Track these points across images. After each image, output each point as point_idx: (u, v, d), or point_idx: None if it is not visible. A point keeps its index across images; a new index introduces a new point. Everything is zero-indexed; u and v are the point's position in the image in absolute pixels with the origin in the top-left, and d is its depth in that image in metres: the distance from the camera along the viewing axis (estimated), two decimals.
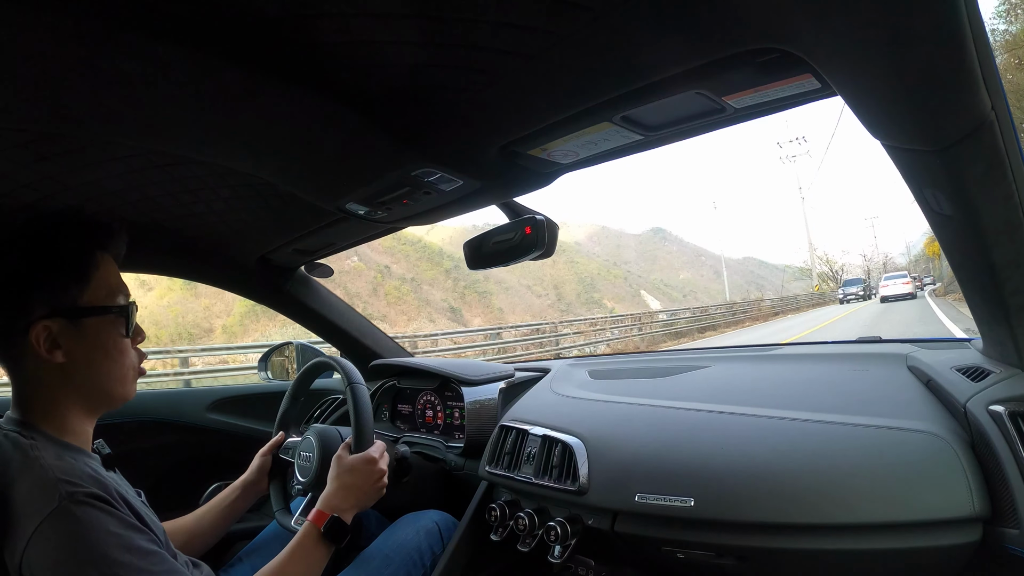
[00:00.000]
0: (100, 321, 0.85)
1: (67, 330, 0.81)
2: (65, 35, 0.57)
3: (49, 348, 0.80)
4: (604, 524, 1.10)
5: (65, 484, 0.72)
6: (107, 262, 0.88)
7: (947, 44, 0.50)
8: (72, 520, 0.69)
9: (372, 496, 1.10)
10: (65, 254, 0.83)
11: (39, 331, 0.79)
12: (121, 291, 0.88)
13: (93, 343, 0.84)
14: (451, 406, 1.66)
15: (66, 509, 0.70)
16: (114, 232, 0.90)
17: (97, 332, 0.84)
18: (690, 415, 1.13)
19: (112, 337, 0.86)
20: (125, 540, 0.72)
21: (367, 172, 0.94)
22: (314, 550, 0.98)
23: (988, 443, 0.82)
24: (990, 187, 0.67)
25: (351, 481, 1.08)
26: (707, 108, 0.75)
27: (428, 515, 1.30)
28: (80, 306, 0.83)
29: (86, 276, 0.84)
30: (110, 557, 0.69)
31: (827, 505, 0.88)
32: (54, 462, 0.75)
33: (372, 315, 14.79)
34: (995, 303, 0.84)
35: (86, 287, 0.84)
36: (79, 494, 0.71)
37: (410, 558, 1.18)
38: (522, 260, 1.07)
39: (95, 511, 0.72)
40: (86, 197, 1.07)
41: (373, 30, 0.62)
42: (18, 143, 0.87)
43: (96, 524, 0.70)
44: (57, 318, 0.81)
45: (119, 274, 0.90)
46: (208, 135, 0.84)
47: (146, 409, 1.72)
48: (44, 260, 0.82)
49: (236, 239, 1.44)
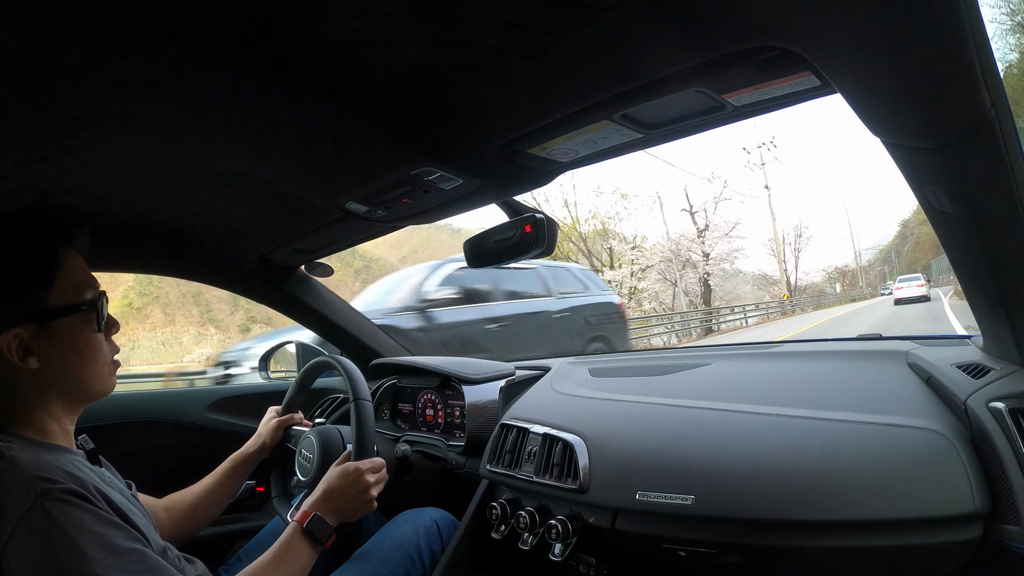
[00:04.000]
0: (70, 321, 0.83)
1: (38, 335, 0.80)
2: (64, 35, 0.57)
3: (22, 356, 0.78)
4: (605, 522, 1.10)
5: (40, 482, 0.71)
6: (71, 257, 0.85)
7: (947, 42, 0.50)
8: (48, 518, 0.69)
9: (354, 506, 1.07)
10: (26, 257, 0.81)
11: (9, 340, 0.77)
12: (89, 285, 0.86)
13: (66, 344, 0.82)
14: (452, 404, 1.66)
15: (41, 507, 0.69)
16: (74, 225, 0.87)
17: (69, 332, 0.83)
18: (691, 413, 1.13)
19: (84, 335, 0.84)
20: (102, 538, 0.71)
21: (367, 171, 0.94)
22: (299, 548, 0.96)
23: (989, 440, 0.83)
24: (990, 184, 0.67)
25: (335, 486, 1.06)
26: (707, 106, 0.75)
27: (427, 513, 1.30)
28: (48, 308, 0.81)
29: (51, 276, 0.81)
30: (87, 555, 0.68)
31: (828, 502, 0.88)
32: (30, 459, 0.74)
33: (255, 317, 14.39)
34: (995, 300, 0.84)
35: (52, 288, 0.81)
36: (54, 491, 0.71)
37: (408, 556, 1.18)
38: (522, 258, 1.07)
39: (71, 507, 0.71)
40: (85, 198, 1.07)
41: (373, 29, 0.62)
42: (17, 144, 0.86)
43: (72, 522, 0.69)
44: (26, 324, 0.79)
45: (85, 268, 0.88)
46: (208, 135, 0.84)
47: (147, 409, 1.72)
48: (5, 267, 0.79)
49: (236, 239, 1.44)
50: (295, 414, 1.39)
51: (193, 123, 0.79)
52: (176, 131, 0.82)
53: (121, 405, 1.68)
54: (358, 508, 1.08)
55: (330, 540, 1.00)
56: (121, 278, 21.51)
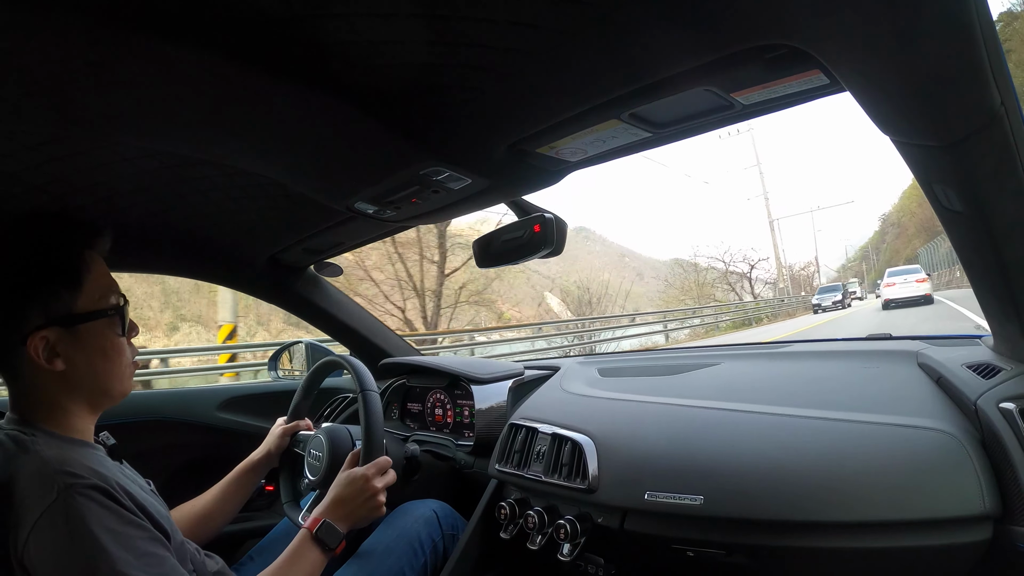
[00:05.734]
0: (96, 325, 0.83)
1: (64, 338, 0.80)
2: (74, 37, 0.58)
3: (48, 358, 0.79)
4: (614, 522, 1.10)
5: (64, 476, 0.72)
6: (97, 262, 0.86)
7: (956, 39, 0.50)
8: (71, 513, 0.69)
9: (363, 512, 1.07)
10: (54, 260, 0.82)
11: (36, 342, 0.78)
12: (113, 290, 0.87)
13: (92, 347, 0.83)
14: (460, 404, 1.67)
15: (65, 502, 0.70)
16: (98, 229, 0.88)
17: (94, 336, 0.83)
18: (700, 413, 1.13)
19: (109, 338, 0.85)
20: (123, 537, 0.72)
21: (376, 171, 0.95)
22: (308, 554, 0.97)
23: (999, 441, 0.82)
24: (1000, 182, 0.67)
25: (344, 494, 1.07)
26: (715, 105, 0.75)
27: (426, 504, 1.31)
28: (75, 313, 0.81)
29: (78, 280, 0.82)
30: (107, 551, 0.69)
31: (837, 503, 0.88)
32: (54, 454, 0.75)
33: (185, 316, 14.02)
34: (1006, 300, 0.84)
35: (79, 292, 0.82)
36: (78, 485, 0.71)
37: (410, 547, 1.18)
38: (531, 258, 1.07)
39: (94, 504, 0.71)
40: (96, 198, 1.08)
41: (381, 29, 0.63)
42: (28, 145, 0.87)
43: (94, 519, 0.70)
44: (53, 327, 0.79)
45: (108, 272, 0.89)
46: (217, 136, 0.85)
47: (156, 408, 1.73)
48: (34, 269, 0.80)
49: (246, 239, 1.45)
50: (301, 421, 1.39)
51: (203, 124, 0.80)
52: (186, 132, 0.83)
53: (130, 404, 1.68)
54: (367, 514, 1.08)
55: (340, 546, 1.01)
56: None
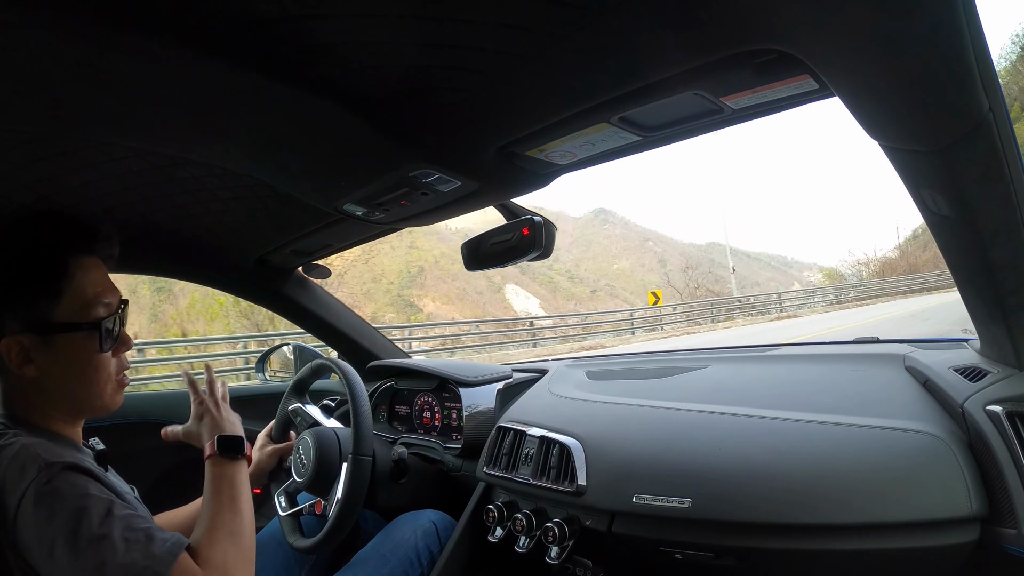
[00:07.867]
0: (73, 337, 0.80)
1: (39, 346, 0.78)
2: (63, 35, 0.57)
3: (20, 363, 0.77)
4: (602, 525, 1.10)
5: (44, 457, 0.71)
6: (85, 268, 0.82)
7: (945, 45, 0.50)
8: (51, 487, 0.69)
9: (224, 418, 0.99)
10: (35, 266, 0.79)
11: (10, 344, 0.77)
12: (100, 302, 0.82)
13: (66, 359, 0.80)
14: (449, 407, 1.66)
15: (46, 478, 0.69)
16: (94, 233, 0.84)
17: (71, 347, 0.80)
18: (687, 416, 1.13)
19: (86, 353, 0.81)
20: (104, 501, 0.70)
21: (364, 173, 0.94)
22: (225, 471, 0.90)
23: (986, 443, 0.83)
24: (987, 187, 0.67)
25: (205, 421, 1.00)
26: (705, 109, 0.75)
27: (425, 515, 1.30)
28: (52, 322, 0.78)
29: (56, 288, 0.79)
30: (88, 512, 0.68)
31: (825, 505, 0.88)
32: (35, 442, 0.74)
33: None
34: (992, 303, 0.85)
35: (57, 300, 0.79)
36: (58, 464, 0.71)
37: (407, 558, 1.18)
38: (520, 261, 1.07)
39: (75, 475, 0.71)
40: (83, 198, 1.07)
41: (370, 31, 0.62)
42: (15, 144, 0.86)
43: (76, 488, 0.70)
44: (28, 334, 0.77)
45: (104, 279, 0.85)
46: (205, 136, 0.84)
47: (141, 411, 1.70)
48: (14, 272, 0.78)
49: (233, 240, 1.43)
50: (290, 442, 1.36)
51: (191, 124, 0.79)
52: (174, 132, 0.82)
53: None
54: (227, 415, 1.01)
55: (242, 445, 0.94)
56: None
